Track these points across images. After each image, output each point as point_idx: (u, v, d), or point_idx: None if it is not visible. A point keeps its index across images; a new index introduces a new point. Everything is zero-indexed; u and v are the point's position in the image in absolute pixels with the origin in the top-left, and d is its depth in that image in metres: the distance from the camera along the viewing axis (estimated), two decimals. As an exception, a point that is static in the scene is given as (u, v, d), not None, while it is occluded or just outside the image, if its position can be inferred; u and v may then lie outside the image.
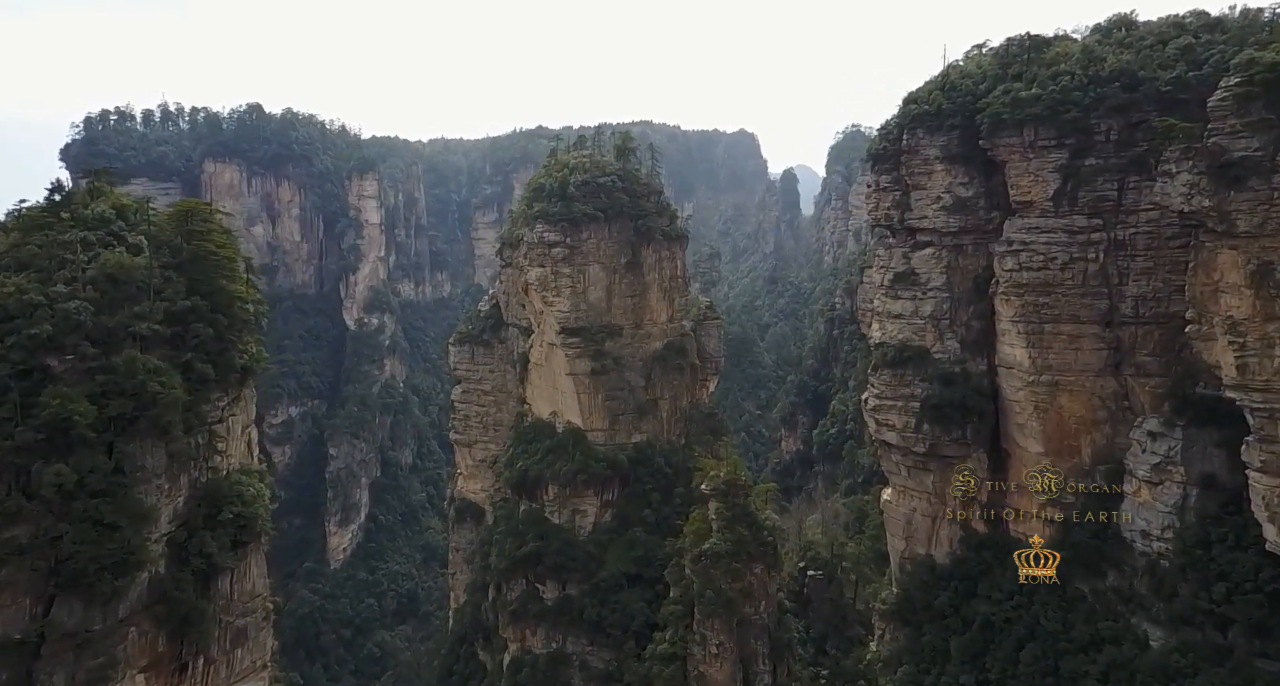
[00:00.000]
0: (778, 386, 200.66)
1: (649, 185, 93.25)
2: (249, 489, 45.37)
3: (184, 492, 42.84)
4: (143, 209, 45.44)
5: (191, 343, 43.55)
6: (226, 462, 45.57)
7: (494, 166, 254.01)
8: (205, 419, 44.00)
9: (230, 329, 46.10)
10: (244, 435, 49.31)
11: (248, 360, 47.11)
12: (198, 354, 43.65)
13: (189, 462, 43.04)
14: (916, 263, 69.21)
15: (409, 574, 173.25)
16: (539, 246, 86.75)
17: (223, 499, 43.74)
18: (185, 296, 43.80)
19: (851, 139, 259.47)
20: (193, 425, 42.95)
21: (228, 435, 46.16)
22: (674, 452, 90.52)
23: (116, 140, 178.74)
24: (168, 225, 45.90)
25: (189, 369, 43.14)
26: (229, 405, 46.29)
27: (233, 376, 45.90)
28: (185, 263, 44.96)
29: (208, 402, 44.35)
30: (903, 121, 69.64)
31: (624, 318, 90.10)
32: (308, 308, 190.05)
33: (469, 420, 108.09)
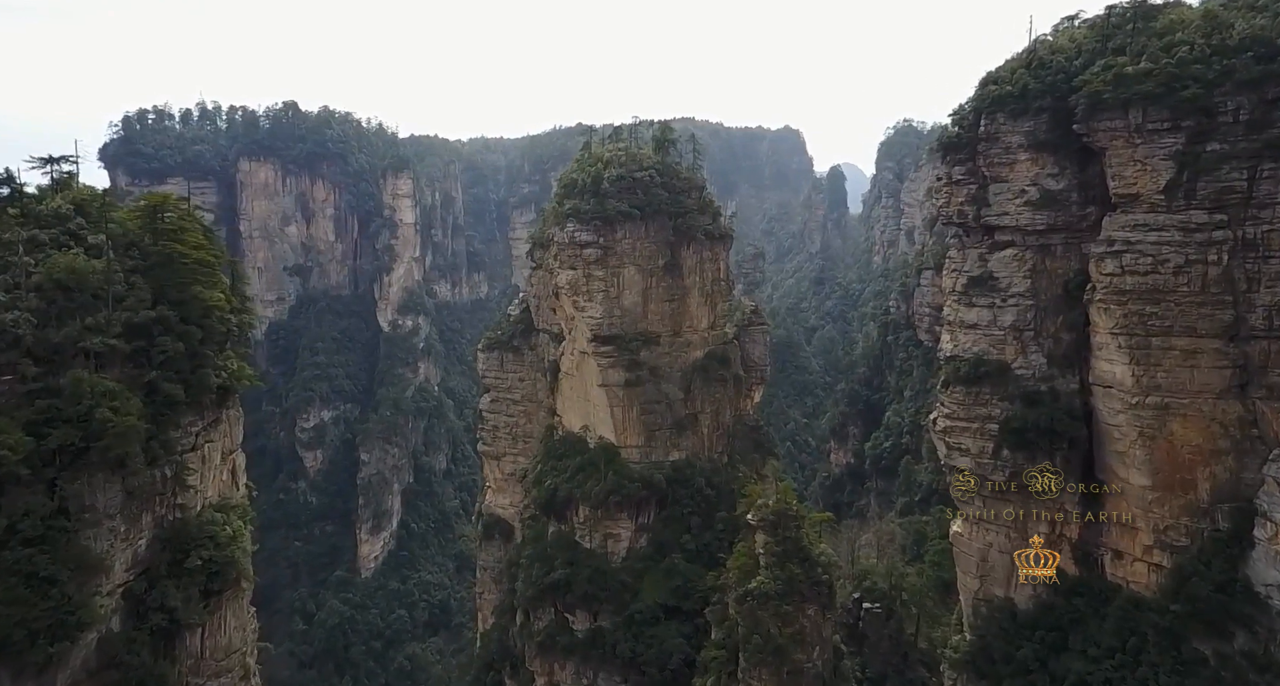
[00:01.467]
0: (825, 394, 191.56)
1: (690, 180, 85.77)
2: (224, 529, 39.26)
3: (145, 535, 36.88)
4: (105, 203, 39.35)
5: (157, 359, 37.60)
6: (199, 498, 39.51)
7: (532, 165, 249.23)
8: (173, 448, 38.00)
9: (205, 343, 40.06)
10: (225, 463, 43.33)
11: (226, 378, 41.00)
12: (164, 372, 37.71)
13: (152, 500, 37.11)
14: (995, 265, 60.58)
15: (441, 583, 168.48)
16: (570, 247, 79.94)
17: (190, 542, 37.72)
18: (151, 305, 37.84)
19: (903, 134, 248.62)
20: (157, 456, 36.97)
21: (202, 465, 40.13)
22: (716, 472, 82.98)
23: (153, 139, 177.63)
24: (134, 223, 39.95)
25: (153, 390, 37.20)
26: (204, 431, 40.26)
27: (208, 398, 39.85)
28: (153, 267, 38.98)
29: (176, 428, 38.38)
30: (980, 105, 61.05)
31: (661, 324, 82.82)
32: (342, 309, 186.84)
33: (497, 431, 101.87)
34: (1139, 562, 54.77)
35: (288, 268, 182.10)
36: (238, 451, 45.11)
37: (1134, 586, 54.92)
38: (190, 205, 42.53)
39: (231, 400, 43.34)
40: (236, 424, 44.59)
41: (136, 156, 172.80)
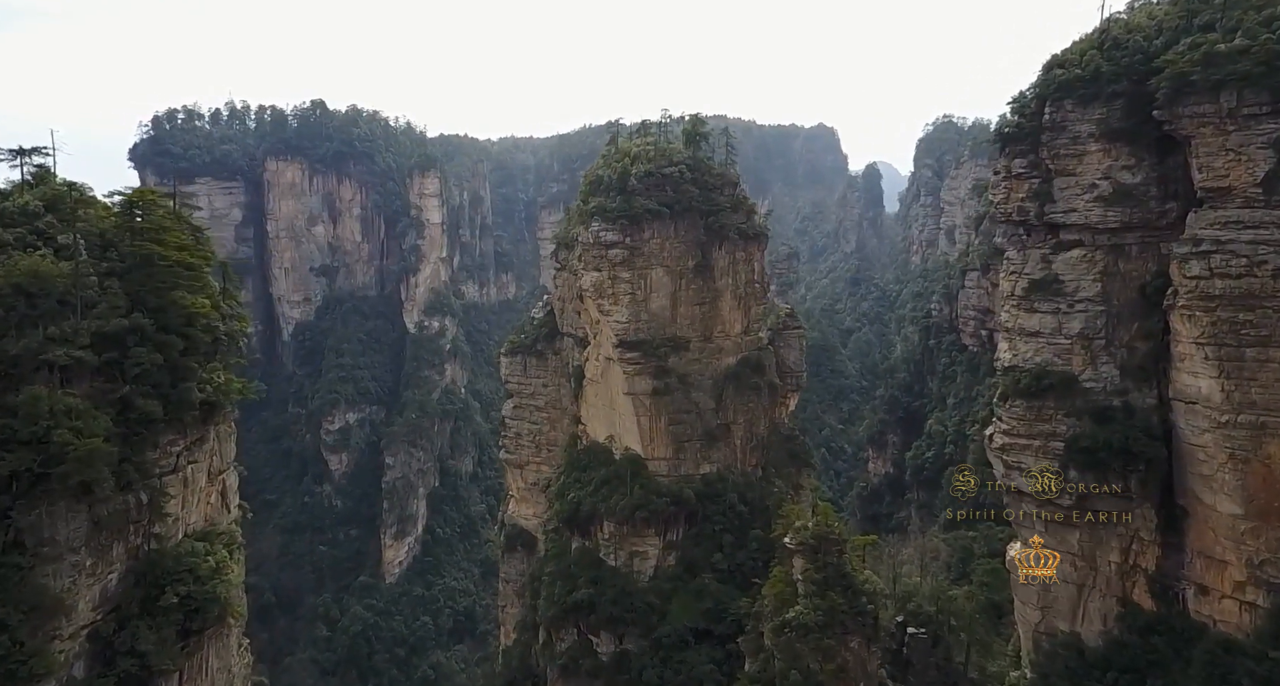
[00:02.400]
0: (862, 399, 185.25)
1: (723, 175, 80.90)
2: (205, 561, 35.38)
3: (116, 569, 33.15)
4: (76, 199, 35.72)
5: (131, 373, 33.85)
6: (178, 527, 35.74)
7: (561, 163, 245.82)
8: (149, 471, 34.32)
9: (188, 354, 36.30)
10: (213, 484, 39.57)
11: (212, 392, 37.19)
12: (139, 387, 33.95)
13: (123, 530, 33.37)
14: (1061, 267, 54.91)
15: (466, 590, 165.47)
16: (595, 247, 75.56)
17: (166, 576, 33.91)
18: (125, 313, 34.11)
19: (943, 130, 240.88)
20: (130, 480, 33.29)
21: (184, 489, 36.38)
22: (750, 487, 78.10)
23: (182, 139, 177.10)
24: (111, 221, 36.31)
25: (127, 407, 33.50)
26: (186, 450, 36.52)
27: (190, 415, 36.04)
28: (130, 270, 35.30)
29: (154, 449, 34.69)
30: (1044, 91, 55.42)
31: (691, 329, 78.11)
32: (368, 310, 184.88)
33: (520, 438, 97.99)
34: (1228, 600, 48.81)
35: (314, 268, 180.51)
36: (229, 470, 41.39)
37: (1223, 627, 48.96)
38: (177, 201, 38.77)
39: (220, 415, 39.59)
40: (227, 440, 40.88)
41: (165, 156, 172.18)
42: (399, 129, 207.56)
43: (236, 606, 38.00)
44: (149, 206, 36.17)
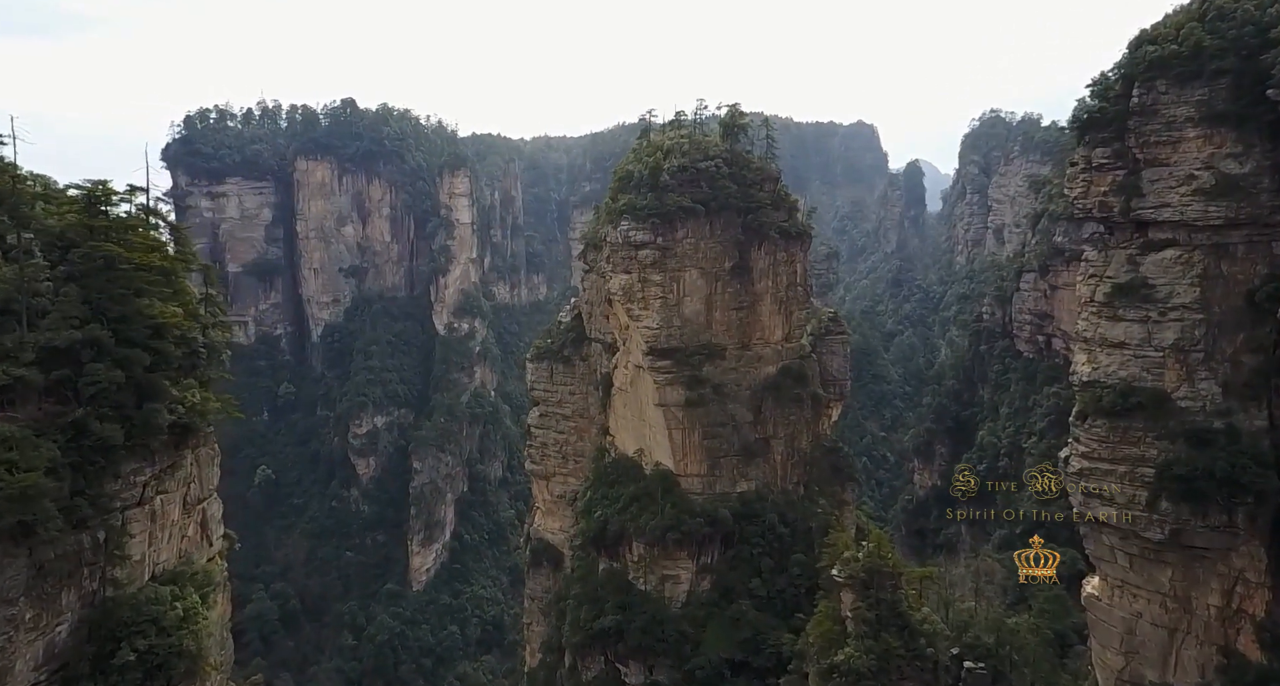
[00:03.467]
0: (905, 405, 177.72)
1: (762, 170, 75.15)
2: (172, 608, 30.78)
3: (66, 620, 28.66)
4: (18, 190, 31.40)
5: (87, 393, 29.43)
6: (143, 568, 31.26)
7: (594, 162, 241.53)
8: (108, 505, 29.81)
9: (157, 369, 31.82)
10: (190, 515, 35.08)
11: (186, 413, 32.68)
12: (97, 409, 29.49)
13: (75, 575, 28.87)
14: (1151, 270, 48.39)
15: (494, 598, 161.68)
16: (624, 248, 70.38)
17: (124, 628, 29.35)
18: (80, 324, 29.70)
19: (990, 126, 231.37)
20: (85, 517, 28.80)
21: (152, 523, 31.89)
22: (790, 506, 72.30)
23: (213, 138, 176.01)
24: (73, 219, 31.98)
25: (81, 432, 29.02)
26: (154, 480, 32.01)
27: (158, 439, 31.52)
28: (88, 274, 30.93)
29: (115, 479, 30.19)
30: (1133, 70, 48.96)
31: (727, 335, 72.56)
32: (397, 311, 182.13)
33: (546, 448, 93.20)
34: (1354, 656, 42.04)
35: (343, 269, 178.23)
36: (211, 499, 36.90)
37: (1348, 688, 42.21)
38: (150, 197, 34.38)
39: (198, 437, 35.13)
40: (209, 465, 36.40)
41: (196, 156, 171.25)
42: (430, 127, 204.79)
43: (213, 656, 33.35)
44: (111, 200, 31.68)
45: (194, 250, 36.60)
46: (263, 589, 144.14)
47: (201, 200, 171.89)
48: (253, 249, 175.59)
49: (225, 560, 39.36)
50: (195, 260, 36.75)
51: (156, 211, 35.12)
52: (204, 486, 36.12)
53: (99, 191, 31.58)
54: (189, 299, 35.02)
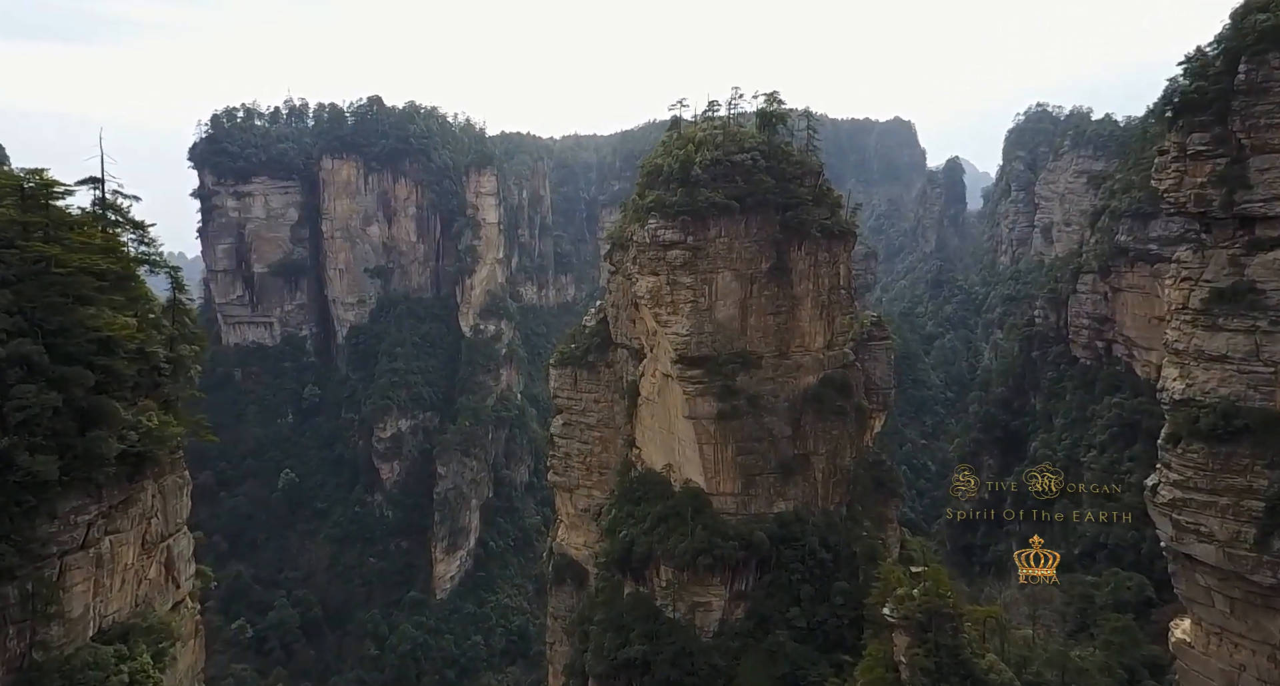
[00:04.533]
0: (947, 411, 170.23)
1: (803, 164, 69.37)
2: (118, 672, 26.28)
3: (-15, 688, 24.29)
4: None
5: (14, 419, 25.03)
6: (86, 623, 26.79)
7: (624, 160, 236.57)
8: (41, 552, 25.45)
9: (107, 390, 27.40)
10: (152, 555, 30.63)
11: (141, 440, 28.19)
12: (27, 438, 25.10)
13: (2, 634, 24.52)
14: (1259, 272, 41.97)
15: (520, 608, 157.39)
16: (651, 248, 65.13)
17: (53, 699, 24.90)
18: (6, 338, 25.31)
19: (1036, 120, 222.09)
20: (10, 567, 24.45)
21: (98, 569, 27.47)
22: (832, 529, 66.50)
23: (239, 138, 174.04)
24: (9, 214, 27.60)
25: (7, 466, 24.64)
26: (102, 518, 27.61)
27: (105, 472, 27.06)
28: (23, 278, 26.53)
29: (50, 520, 25.81)
30: (1238, 43, 42.56)
31: (764, 343, 66.98)
32: (423, 313, 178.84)
33: (569, 459, 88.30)
34: None
35: (369, 269, 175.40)
36: (179, 534, 32.46)
37: None
38: (106, 191, 29.92)
39: (161, 466, 30.70)
40: (176, 496, 31.98)
41: (222, 156, 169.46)
42: (457, 126, 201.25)
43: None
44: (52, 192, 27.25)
45: (160, 251, 32.06)
46: (285, 595, 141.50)
47: (228, 200, 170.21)
48: (278, 249, 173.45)
49: (200, 600, 35.02)
50: (162, 263, 32.30)
51: (116, 206, 30.69)
52: (169, 521, 31.65)
53: (35, 183, 27.15)
54: (150, 307, 30.58)
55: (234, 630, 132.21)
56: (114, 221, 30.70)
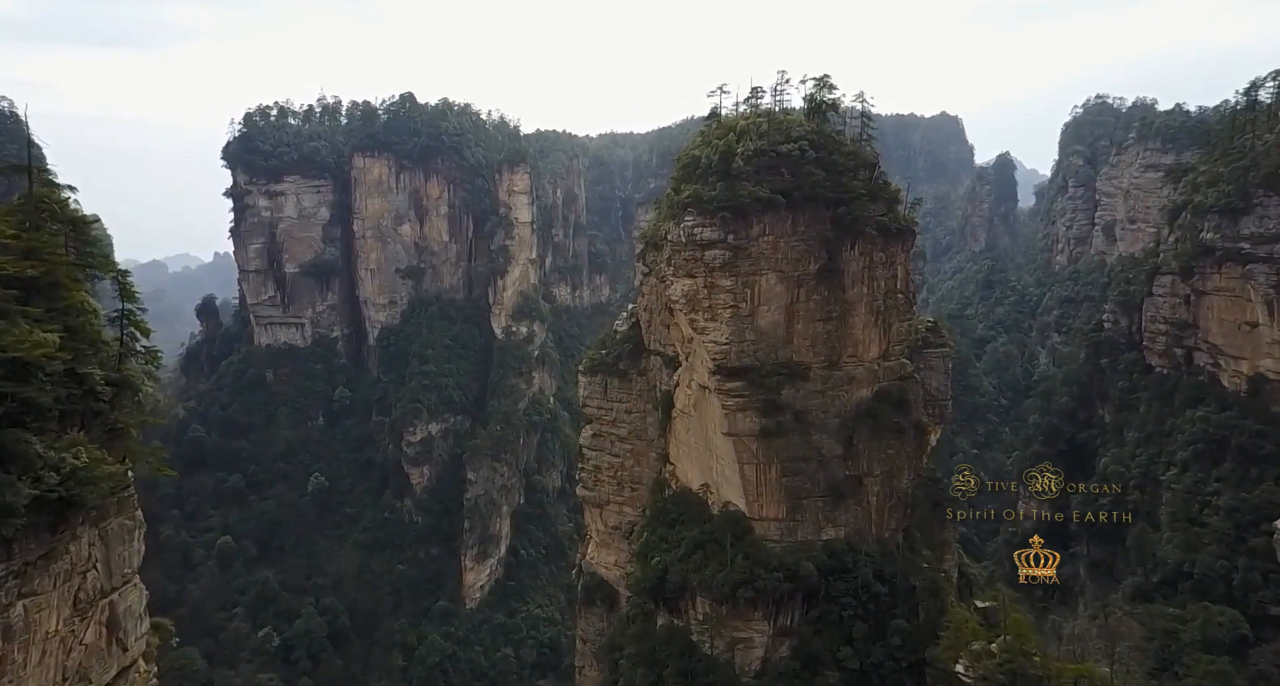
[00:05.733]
0: (1001, 419, 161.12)
1: (857, 154, 62.84)
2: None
3: None
4: None
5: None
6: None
7: (660, 158, 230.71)
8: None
9: (21, 423, 22.43)
10: (89, 618, 25.67)
11: (63, 481, 23.19)
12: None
13: None
14: None
15: (551, 618, 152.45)
16: (688, 248, 59.25)
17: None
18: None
19: (1096, 113, 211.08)
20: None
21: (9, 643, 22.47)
22: (888, 559, 59.96)
23: (272, 137, 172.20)
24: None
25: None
26: (16, 579, 22.64)
27: (12, 524, 22.08)
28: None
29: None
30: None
31: (812, 352, 60.71)
32: (454, 314, 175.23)
33: (600, 473, 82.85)
34: None
35: (400, 270, 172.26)
36: (128, 586, 27.50)
37: None
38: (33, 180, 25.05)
39: (105, 508, 25.78)
40: (122, 542, 27.04)
41: (254, 154, 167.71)
42: (491, 123, 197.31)
43: None
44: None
45: (107, 253, 27.14)
46: (313, 603, 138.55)
47: (260, 199, 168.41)
48: (310, 249, 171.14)
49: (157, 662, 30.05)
50: (109, 267, 27.37)
51: (46, 200, 25.80)
52: (113, 573, 26.69)
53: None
54: (88, 319, 25.64)
55: (260, 638, 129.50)
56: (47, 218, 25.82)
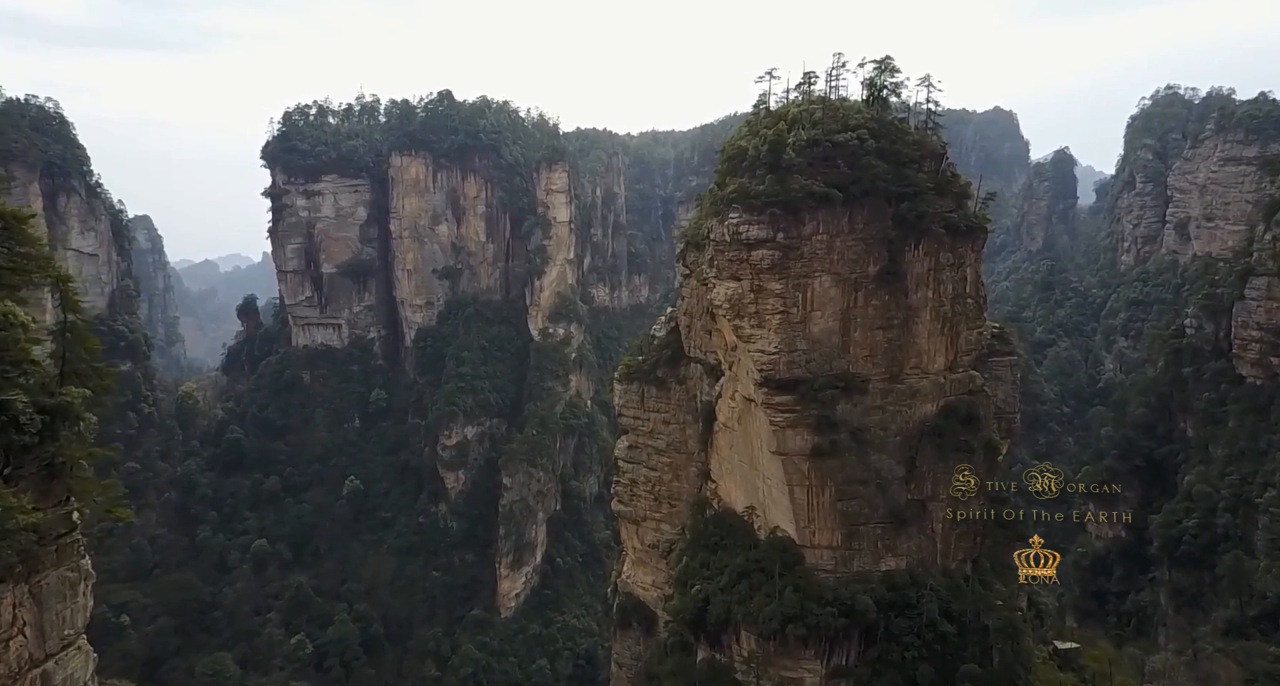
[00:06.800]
0: (1064, 428, 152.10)
1: (921, 144, 56.69)
2: None
3: None
4: None
5: None
6: None
7: (702, 155, 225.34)
8: None
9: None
10: (14, 689, 21.40)
11: None
12: None
13: None
14: None
15: (588, 629, 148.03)
16: (732, 247, 53.76)
17: None
18: None
19: (1166, 104, 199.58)
20: None
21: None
22: (956, 593, 53.81)
23: (310, 135, 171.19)
24: None
25: None
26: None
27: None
28: None
29: None
30: None
31: (870, 363, 54.82)
32: (491, 315, 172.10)
33: (636, 487, 77.85)
34: None
35: (437, 270, 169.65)
36: (69, 650, 23.25)
37: None
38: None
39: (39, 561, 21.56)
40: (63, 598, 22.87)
41: (293, 154, 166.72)
42: (530, 121, 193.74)
43: None
44: None
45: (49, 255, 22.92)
46: (346, 609, 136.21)
47: (298, 199, 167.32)
48: (347, 249, 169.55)
49: None
50: (49, 270, 23.12)
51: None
52: (48, 636, 22.45)
53: None
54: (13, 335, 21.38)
55: (293, 645, 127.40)
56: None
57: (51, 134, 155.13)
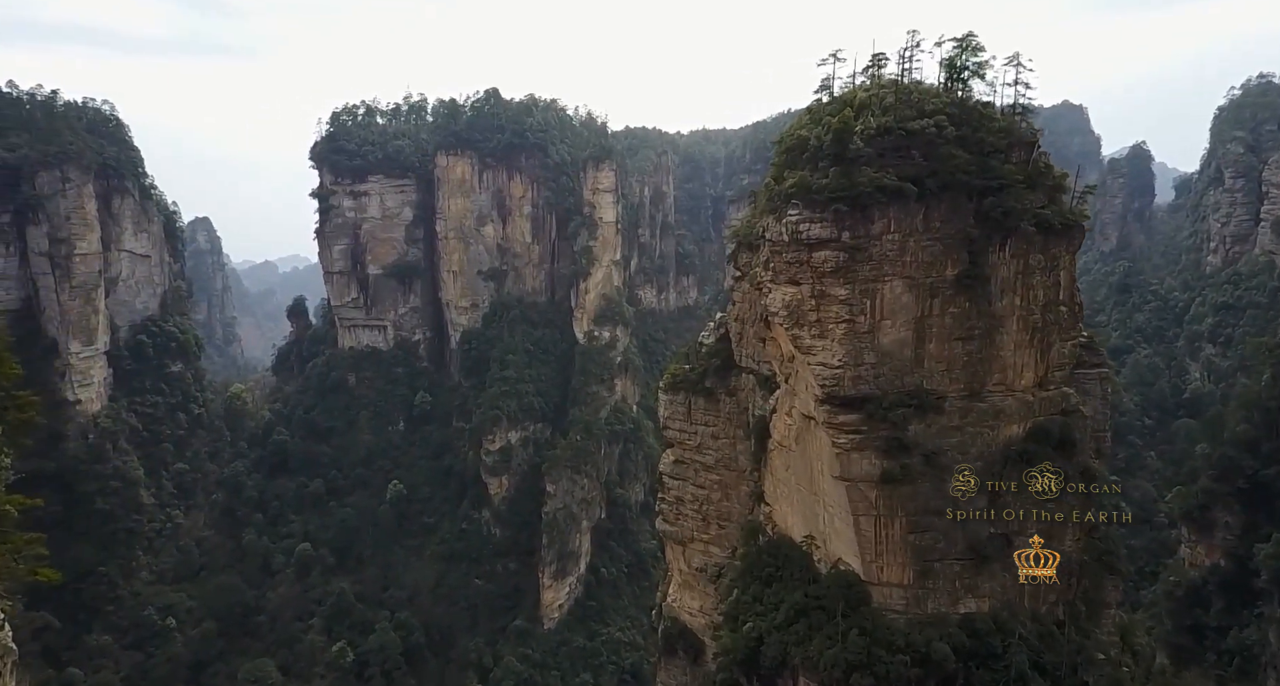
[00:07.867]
0: (1146, 441, 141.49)
1: (1010, 131, 50.08)
2: None
3: None
4: None
5: None
6: None
7: (754, 153, 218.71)
8: None
9: None
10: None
11: None
12: None
13: None
14: None
15: (633, 642, 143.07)
16: (790, 248, 47.87)
17: None
18: None
19: (1259, 94, 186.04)
20: None
21: None
22: (1049, 642, 47.14)
23: (357, 136, 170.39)
24: None
25: None
26: None
27: None
28: None
29: None
30: None
31: (948, 379, 48.47)
32: (536, 318, 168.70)
33: (682, 505, 72.45)
34: None
35: (482, 272, 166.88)
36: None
37: None
38: None
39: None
40: None
41: (340, 154, 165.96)
42: (577, 119, 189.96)
43: None
44: None
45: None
46: (388, 616, 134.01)
47: (344, 200, 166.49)
48: (393, 250, 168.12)
49: None
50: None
51: None
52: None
53: None
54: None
55: (335, 653, 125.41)
56: None
57: (107, 136, 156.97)
